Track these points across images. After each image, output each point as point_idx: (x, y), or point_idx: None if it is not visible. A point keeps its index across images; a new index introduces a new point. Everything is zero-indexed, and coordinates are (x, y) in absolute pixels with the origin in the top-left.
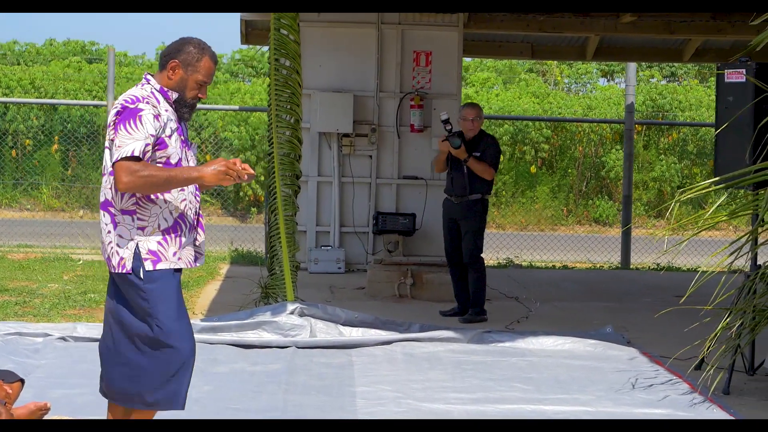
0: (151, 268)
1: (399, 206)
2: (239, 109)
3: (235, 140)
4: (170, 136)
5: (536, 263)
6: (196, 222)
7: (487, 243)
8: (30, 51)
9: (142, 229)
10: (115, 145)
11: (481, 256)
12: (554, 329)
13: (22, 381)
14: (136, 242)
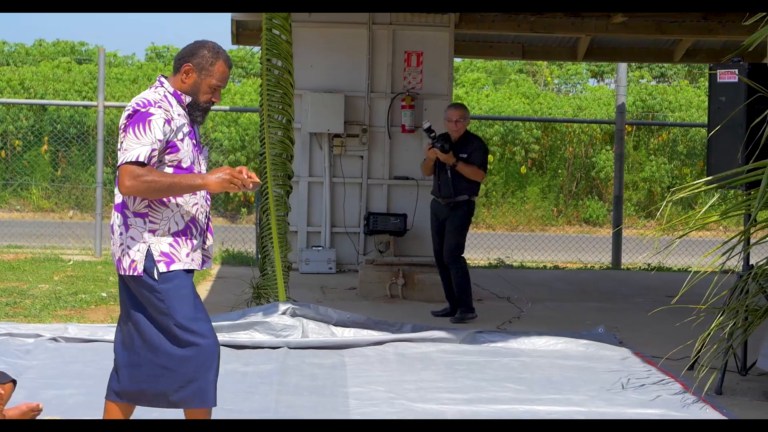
0: (164, 269)
1: (390, 206)
2: (230, 109)
3: (225, 141)
4: (182, 140)
5: (527, 263)
6: (206, 226)
7: (477, 243)
8: (19, 51)
9: (153, 231)
10: (123, 148)
11: (462, 256)
12: (546, 329)
13: (14, 382)
14: (148, 244)
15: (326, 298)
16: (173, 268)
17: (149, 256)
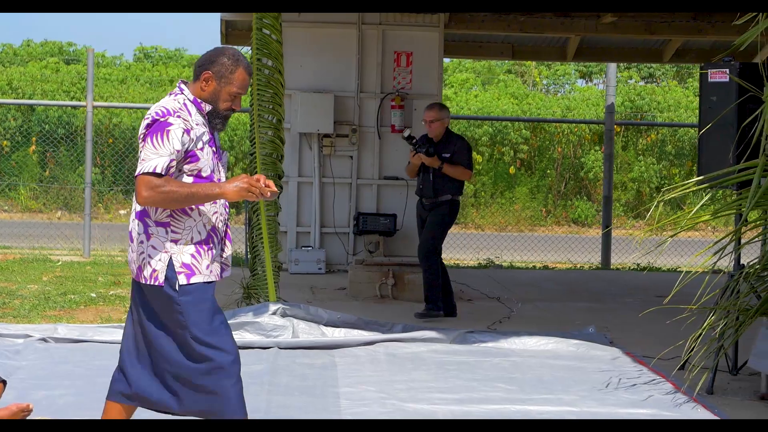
0: (185, 282)
1: (380, 207)
2: None
3: None
4: (202, 149)
5: (516, 264)
6: (224, 234)
7: (466, 243)
8: (7, 52)
9: (175, 241)
10: (141, 158)
11: (435, 254)
12: (536, 329)
13: (3, 382)
14: (170, 255)
15: (316, 298)
16: (194, 280)
17: (171, 267)
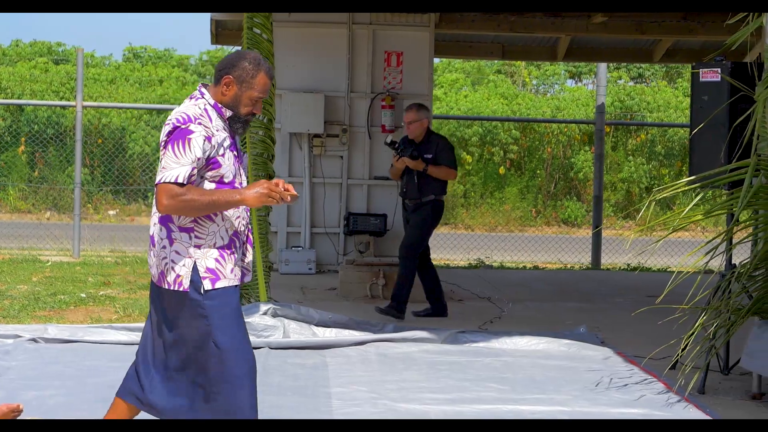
0: (210, 287)
1: (370, 207)
2: None
3: None
4: (223, 155)
5: (507, 264)
6: (246, 238)
7: (456, 244)
8: None
9: (198, 246)
10: (161, 166)
11: (414, 256)
12: (527, 329)
13: None
14: (194, 260)
15: (306, 298)
16: (219, 285)
17: (195, 271)
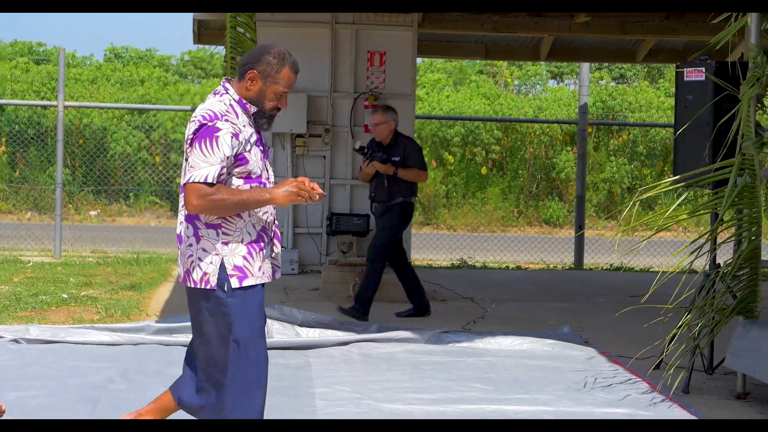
0: (236, 285)
1: (353, 207)
2: (191, 109)
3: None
4: (250, 151)
5: (489, 264)
6: (273, 233)
7: (438, 244)
8: None
9: (226, 243)
10: (189, 165)
11: (382, 258)
12: (511, 329)
13: None
14: (222, 257)
15: (289, 298)
16: (246, 283)
17: (222, 269)
